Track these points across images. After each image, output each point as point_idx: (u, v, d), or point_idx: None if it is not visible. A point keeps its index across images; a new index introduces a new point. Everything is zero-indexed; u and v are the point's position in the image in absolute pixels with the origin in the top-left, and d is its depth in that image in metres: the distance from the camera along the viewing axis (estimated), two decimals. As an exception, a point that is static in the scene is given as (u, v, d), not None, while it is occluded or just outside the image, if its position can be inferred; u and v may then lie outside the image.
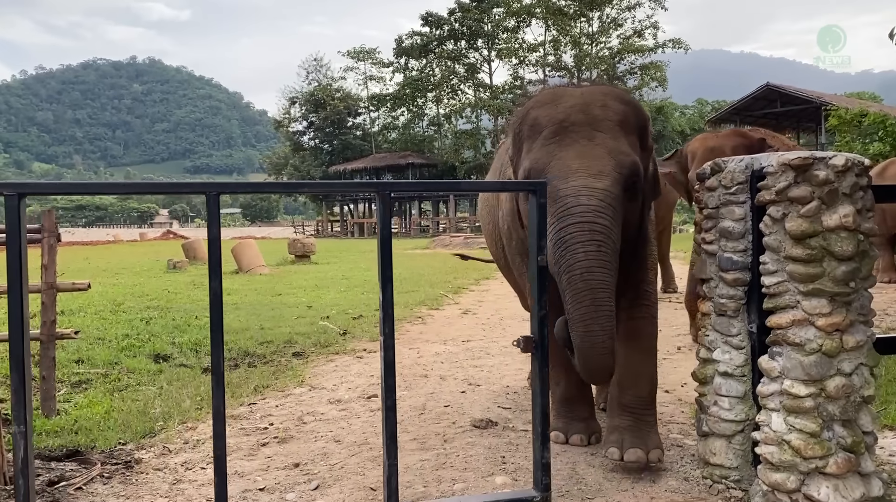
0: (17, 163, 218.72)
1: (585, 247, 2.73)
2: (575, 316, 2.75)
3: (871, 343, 2.87)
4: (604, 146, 2.89)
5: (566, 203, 2.79)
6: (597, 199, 2.78)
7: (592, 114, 2.96)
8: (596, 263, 2.72)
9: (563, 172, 2.85)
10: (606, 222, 2.78)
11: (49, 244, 4.85)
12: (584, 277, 2.72)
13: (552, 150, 2.93)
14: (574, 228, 2.75)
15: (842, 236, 2.74)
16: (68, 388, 5.48)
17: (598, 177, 2.83)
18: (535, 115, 3.10)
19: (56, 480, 3.36)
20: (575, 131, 2.93)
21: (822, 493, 2.74)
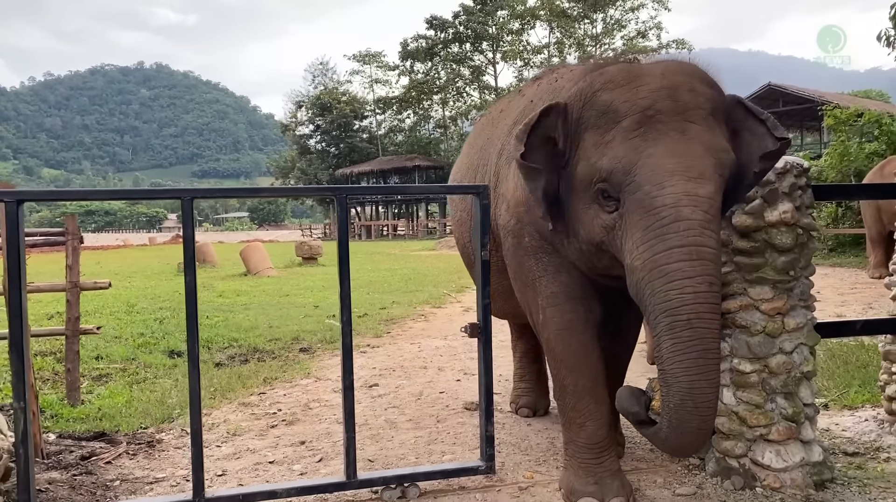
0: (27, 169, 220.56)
1: (696, 284, 2.19)
2: (675, 369, 2.21)
3: (811, 325, 3.23)
4: (700, 141, 2.32)
5: (662, 216, 2.23)
6: (701, 212, 2.23)
7: (682, 100, 2.37)
8: (707, 307, 2.20)
9: (656, 175, 2.27)
10: (713, 244, 2.25)
11: (73, 246, 5.25)
12: (692, 325, 2.18)
13: (637, 146, 2.33)
14: (679, 254, 2.20)
15: (782, 230, 3.10)
16: (90, 382, 5.88)
17: (700, 181, 2.26)
18: (607, 98, 2.45)
19: (88, 455, 3.75)
20: (663, 122, 2.33)
21: (765, 458, 3.10)
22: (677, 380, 2.22)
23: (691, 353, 2.19)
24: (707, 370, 2.21)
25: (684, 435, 2.27)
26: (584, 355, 2.98)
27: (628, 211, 2.34)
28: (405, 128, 57.76)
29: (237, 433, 4.25)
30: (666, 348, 2.23)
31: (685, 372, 2.20)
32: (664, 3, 45.13)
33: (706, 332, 2.21)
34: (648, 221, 2.27)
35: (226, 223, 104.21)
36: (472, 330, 3.18)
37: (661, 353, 2.25)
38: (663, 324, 2.23)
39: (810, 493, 3.07)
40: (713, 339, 2.23)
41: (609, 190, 2.40)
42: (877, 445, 3.72)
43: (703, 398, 2.21)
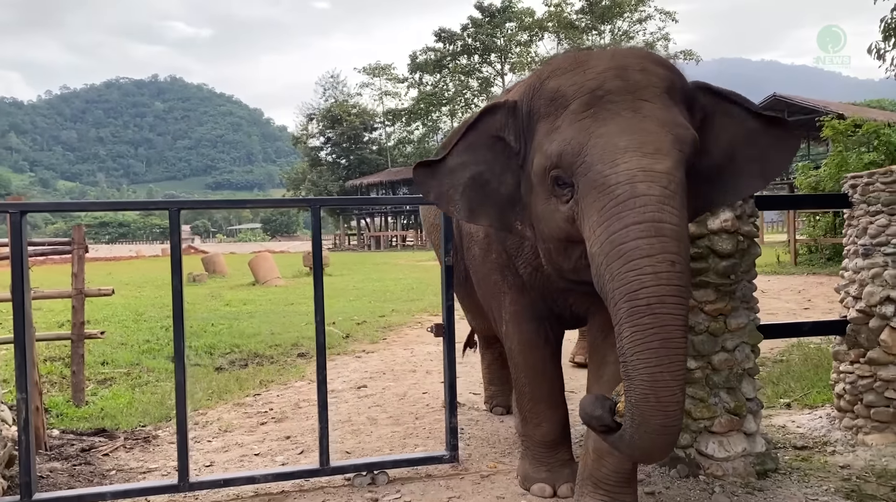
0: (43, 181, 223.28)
1: (655, 263, 1.98)
2: (636, 361, 1.99)
3: (753, 325, 3.47)
4: (654, 118, 2.16)
5: (617, 194, 2.05)
6: (659, 187, 2.04)
7: (632, 79, 2.23)
8: (669, 289, 1.98)
9: (608, 153, 2.11)
10: (675, 220, 2.04)
11: (78, 255, 5.57)
12: (652, 310, 1.97)
13: (587, 127, 2.18)
14: (636, 231, 2.01)
15: (723, 237, 3.36)
16: (95, 385, 6.18)
17: (657, 156, 2.09)
18: (554, 85, 2.33)
19: (87, 448, 4.04)
20: (613, 101, 2.19)
21: (709, 448, 3.35)
22: (638, 373, 1.98)
23: (652, 342, 1.96)
24: (671, 361, 1.97)
25: (648, 433, 2.02)
26: (542, 368, 3.18)
27: (582, 195, 2.17)
28: (414, 140, 58.24)
29: (228, 429, 4.53)
30: (626, 337, 2.00)
31: (646, 363, 1.97)
32: (672, 14, 45.46)
33: (669, 318, 1.97)
34: (603, 201, 2.08)
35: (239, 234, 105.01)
36: (438, 330, 3.46)
37: (621, 343, 2.02)
38: (623, 310, 2.01)
39: (751, 481, 3.31)
40: (677, 327, 1.98)
41: (562, 176, 2.23)
42: (825, 440, 3.95)
43: (667, 392, 1.97)
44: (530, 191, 2.47)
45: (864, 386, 3.86)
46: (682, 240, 2.05)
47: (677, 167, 2.12)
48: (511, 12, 50.44)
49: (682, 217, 2.08)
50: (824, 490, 3.22)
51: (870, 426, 3.84)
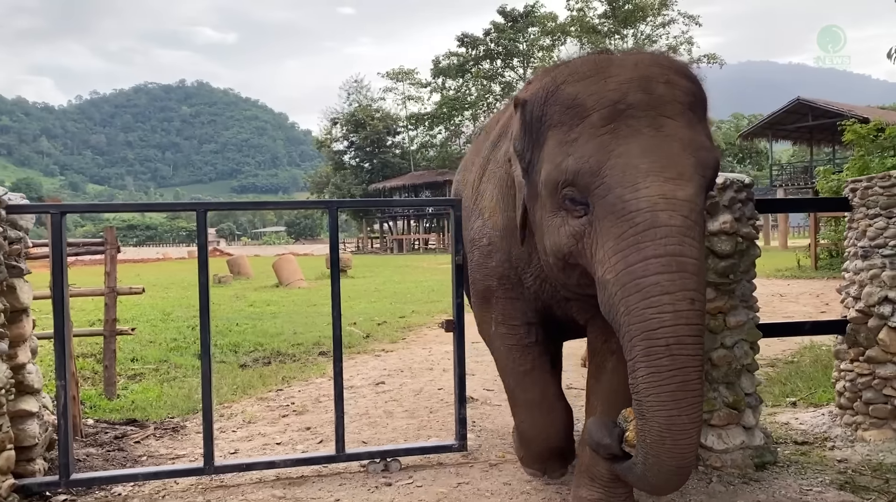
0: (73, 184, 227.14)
1: (676, 301, 1.92)
2: (652, 402, 1.94)
3: (752, 323, 3.61)
4: (678, 138, 2.07)
5: (637, 222, 1.98)
6: (681, 216, 1.98)
7: (656, 92, 2.12)
8: (688, 329, 1.93)
9: (629, 176, 2.02)
10: (696, 254, 1.99)
11: (111, 255, 5.83)
12: (671, 351, 1.91)
13: (607, 144, 2.07)
14: (656, 265, 1.94)
15: (722, 238, 3.51)
16: (125, 380, 6.44)
17: (679, 182, 2.01)
18: (571, 91, 2.20)
19: (120, 436, 4.29)
20: (635, 117, 2.08)
21: (708, 440, 3.50)
22: (654, 415, 1.94)
23: (670, 385, 1.91)
24: (688, 404, 1.93)
25: (662, 474, 2.01)
26: (532, 369, 3.07)
27: (598, 217, 2.08)
28: (436, 144, 58.49)
29: (252, 421, 4.75)
30: (642, 377, 1.95)
31: (662, 406, 1.93)
32: (695, 18, 45.30)
33: (687, 360, 1.92)
34: (621, 228, 2.00)
35: (263, 237, 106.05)
36: (448, 325, 3.65)
37: (636, 381, 1.97)
38: (639, 348, 1.95)
39: (748, 473, 3.45)
40: (695, 368, 1.94)
41: (576, 195, 2.14)
42: (825, 436, 4.07)
43: (683, 436, 1.94)
44: (534, 199, 2.38)
45: (864, 383, 3.98)
46: (701, 275, 2.00)
47: (699, 194, 2.05)
48: (534, 17, 50.55)
49: (701, 249, 2.03)
50: (819, 481, 3.36)
51: (868, 422, 3.95)
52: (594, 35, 46.63)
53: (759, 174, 43.54)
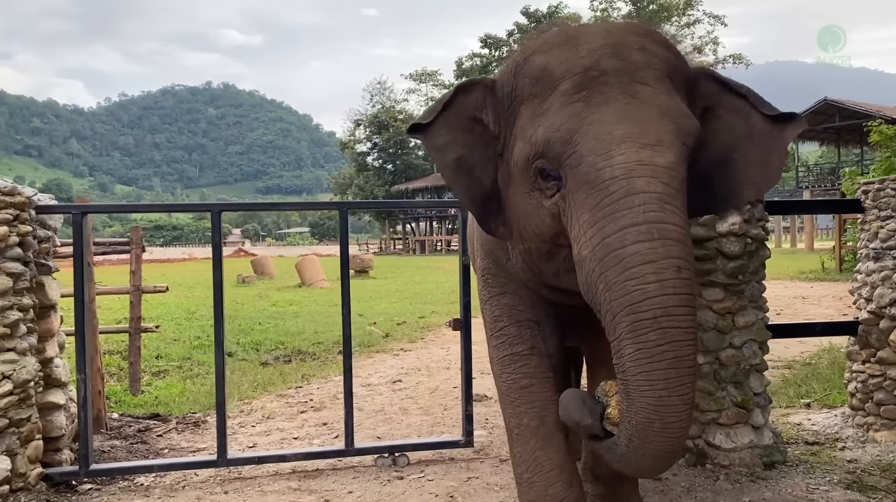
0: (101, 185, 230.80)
1: (659, 270, 1.73)
2: (640, 381, 1.75)
3: (761, 324, 3.65)
4: (655, 104, 1.91)
5: (612, 190, 1.80)
6: (661, 183, 1.80)
7: (631, 59, 1.97)
8: (677, 299, 1.73)
9: (602, 143, 1.85)
10: (679, 221, 1.80)
11: (136, 254, 5.99)
12: (659, 324, 1.72)
13: (579, 112, 1.91)
14: (635, 233, 1.76)
15: (731, 240, 3.56)
16: (150, 377, 6.61)
17: (658, 148, 1.84)
18: (541, 61, 2.05)
19: (143, 429, 4.42)
20: (609, 83, 1.93)
21: (716, 439, 3.54)
22: (642, 395, 1.76)
23: (661, 362, 1.72)
24: (680, 382, 1.74)
25: (647, 458, 1.82)
26: (528, 387, 2.51)
27: (571, 190, 1.90)
28: (460, 145, 58.50)
29: (270, 417, 4.87)
30: (629, 355, 1.76)
31: (652, 386, 1.74)
32: (720, 18, 44.93)
33: (678, 333, 1.72)
34: (595, 199, 1.82)
35: (287, 238, 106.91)
36: (455, 324, 3.74)
37: (621, 361, 1.78)
38: (623, 324, 1.75)
39: (757, 471, 3.49)
40: (687, 342, 1.74)
41: (548, 167, 1.96)
42: (837, 436, 4.10)
43: (674, 418, 1.75)
44: (509, 182, 2.17)
45: (875, 384, 3.99)
46: (687, 244, 1.79)
47: (680, 161, 1.87)
48: (557, 17, 50.48)
49: (685, 218, 1.83)
50: (827, 480, 3.39)
51: (879, 423, 3.97)
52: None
53: (786, 175, 43.06)
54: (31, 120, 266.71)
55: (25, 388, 3.13)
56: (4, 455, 3.03)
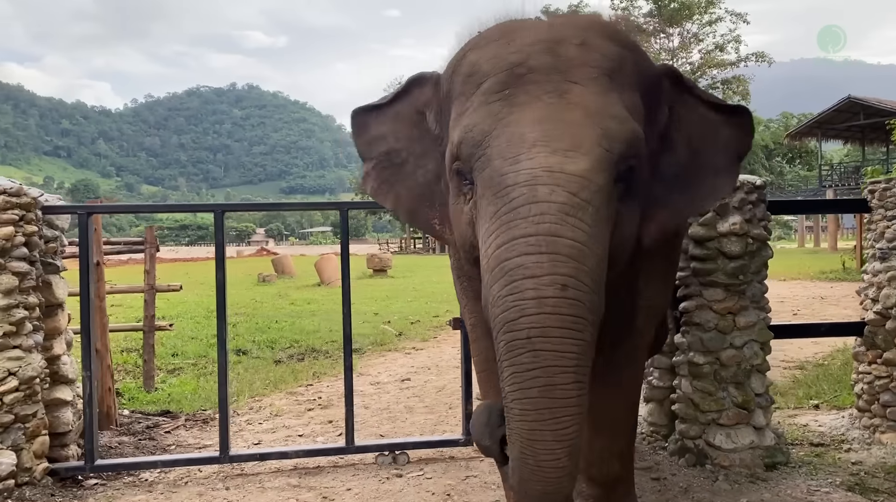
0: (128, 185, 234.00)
1: (539, 286, 1.56)
2: (514, 409, 1.58)
3: (763, 324, 3.63)
4: (582, 105, 1.74)
5: (512, 197, 1.65)
6: (565, 193, 1.63)
7: (566, 55, 1.82)
8: (555, 319, 1.55)
9: (512, 146, 1.70)
10: (580, 236, 1.61)
11: (150, 253, 6.08)
12: (532, 345, 1.54)
13: (496, 112, 1.77)
14: (523, 245, 1.59)
15: (732, 240, 3.54)
16: (165, 374, 6.71)
17: (571, 154, 1.67)
18: (473, 58, 1.92)
19: (152, 426, 4.50)
20: (535, 82, 1.78)
21: (716, 439, 3.53)
22: (516, 426, 1.58)
23: (531, 390, 1.54)
24: (553, 415, 1.54)
25: (528, 496, 1.65)
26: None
27: (479, 195, 1.76)
28: (481, 145, 58.46)
29: (278, 414, 4.93)
30: (505, 378, 1.59)
31: (524, 416, 1.56)
32: (743, 16, 44.40)
33: (552, 358, 1.53)
34: (496, 206, 1.66)
35: (310, 237, 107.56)
36: (455, 323, 3.77)
37: (502, 383, 1.61)
38: (502, 343, 1.59)
39: (757, 472, 3.47)
40: (563, 369, 1.54)
41: (464, 170, 1.82)
42: (843, 438, 4.06)
43: (547, 456, 1.56)
44: (447, 185, 2.02)
45: (881, 386, 3.95)
46: (585, 262, 1.60)
47: (598, 170, 1.67)
48: (579, 16, 50.24)
49: (593, 234, 1.63)
50: (829, 482, 3.36)
51: (886, 425, 3.93)
52: (639, 34, 46.17)
53: (809, 174, 42.53)
54: (60, 121, 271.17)
55: (31, 385, 3.20)
56: (10, 450, 3.11)
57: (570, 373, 1.55)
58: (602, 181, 1.68)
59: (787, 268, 18.59)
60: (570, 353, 1.55)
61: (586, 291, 1.59)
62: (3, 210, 3.09)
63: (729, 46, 44.58)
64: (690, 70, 46.71)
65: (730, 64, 44.54)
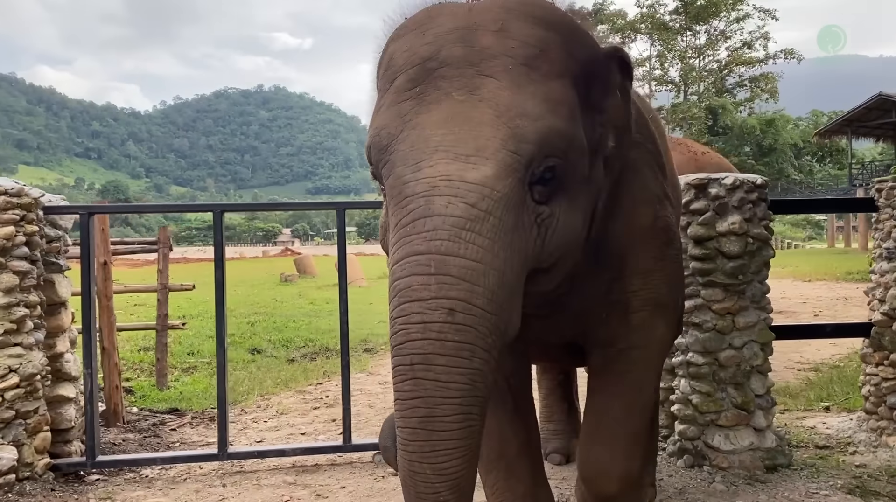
0: (157, 186, 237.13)
1: (425, 310, 1.44)
2: (400, 437, 1.50)
3: (764, 324, 3.58)
4: (493, 103, 1.59)
5: (410, 209, 1.53)
6: (464, 205, 1.50)
7: (479, 45, 1.66)
8: (440, 346, 1.43)
9: (415, 152, 1.57)
10: (474, 253, 1.48)
11: (163, 253, 6.17)
12: (415, 372, 1.44)
13: (405, 112, 1.63)
14: (412, 265, 1.48)
15: (731, 239, 3.50)
16: (179, 372, 6.80)
17: (473, 159, 1.54)
18: (391, 50, 1.79)
19: (158, 423, 4.56)
20: (447, 77, 1.63)
21: (715, 440, 3.49)
22: (400, 453, 1.50)
23: (411, 420, 1.44)
24: (433, 449, 1.43)
25: None
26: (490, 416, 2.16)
27: (387, 202, 1.65)
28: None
29: (284, 412, 4.97)
30: (395, 404, 1.50)
31: (405, 445, 1.47)
32: (771, 13, 43.79)
33: (434, 388, 1.42)
34: (398, 217, 1.55)
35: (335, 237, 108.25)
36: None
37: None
38: (392, 365, 1.49)
39: (757, 474, 3.43)
40: (446, 401, 1.42)
41: (377, 174, 1.70)
42: (849, 440, 3.99)
43: (427, 490, 1.46)
44: None
45: (888, 388, 3.88)
46: (480, 282, 1.47)
47: (502, 176, 1.53)
48: (603, 15, 49.91)
49: (493, 248, 1.50)
50: (829, 485, 3.31)
51: (892, 427, 3.86)
52: (665, 32, 45.78)
53: (840, 173, 41.83)
54: (90, 123, 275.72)
55: (32, 382, 3.27)
56: (11, 445, 3.17)
57: (452, 405, 1.43)
58: (507, 188, 1.54)
59: (815, 269, 18.32)
60: (454, 384, 1.43)
61: (478, 314, 1.46)
62: (4, 210, 3.16)
63: (757, 43, 44.03)
64: (718, 68, 46.23)
65: (758, 61, 43.98)
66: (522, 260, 1.59)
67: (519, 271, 1.57)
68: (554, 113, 1.63)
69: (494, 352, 1.51)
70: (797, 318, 9.28)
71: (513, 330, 1.57)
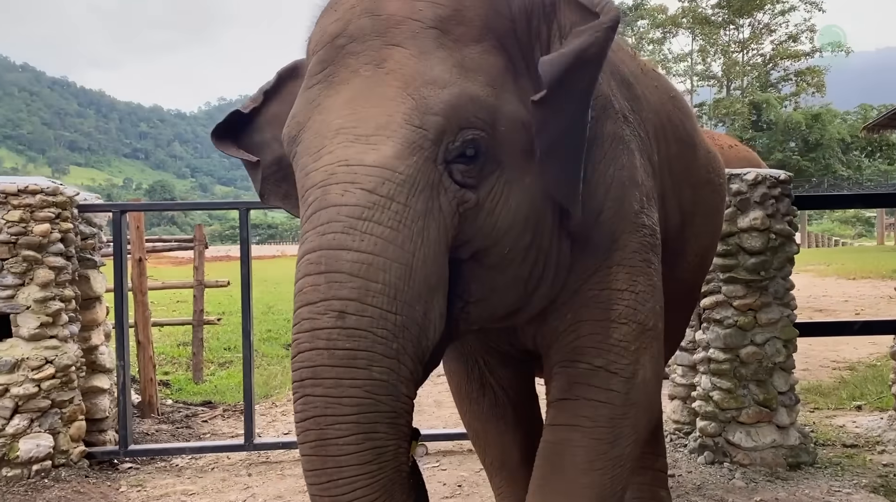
0: (202, 186, 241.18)
1: (314, 316, 1.26)
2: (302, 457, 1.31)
3: (787, 321, 3.54)
4: (399, 75, 1.41)
5: (308, 202, 1.38)
6: (361, 191, 1.32)
7: (386, 13, 1.47)
8: (328, 357, 1.24)
9: (318, 138, 1.42)
10: (369, 246, 1.30)
11: (199, 251, 6.33)
12: (304, 389, 1.26)
13: (313, 98, 1.48)
14: (304, 265, 1.32)
15: (753, 235, 3.48)
16: (216, 367, 6.96)
17: (373, 140, 1.37)
18: (310, 35, 1.64)
19: (191, 415, 4.70)
20: (354, 53, 1.46)
21: (736, 437, 3.48)
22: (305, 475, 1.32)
23: (305, 444, 1.28)
24: (329, 479, 1.25)
25: None
26: (482, 432, 2.22)
27: None
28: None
29: (313, 406, 5.07)
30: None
31: (305, 474, 1.31)
32: (818, 4, 42.76)
33: (324, 406, 1.24)
34: (301, 211, 1.40)
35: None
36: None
37: None
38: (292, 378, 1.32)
39: (779, 471, 3.41)
40: (339, 419, 1.24)
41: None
42: (878, 440, 3.93)
43: None
44: None
45: (918, 386, 3.81)
46: (376, 278, 1.28)
47: (405, 155, 1.35)
48: (643, 9, 49.30)
49: (395, 238, 1.31)
50: (853, 484, 3.28)
51: (922, 427, 3.79)
52: (707, 26, 45.07)
53: (890, 168, 40.67)
54: (138, 124, 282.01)
55: (67, 372, 3.40)
56: (47, 433, 3.32)
57: (347, 424, 1.23)
58: (411, 169, 1.34)
59: (861, 267, 17.84)
60: (346, 398, 1.23)
61: (375, 316, 1.26)
62: (40, 208, 3.30)
63: (803, 36, 43.07)
64: (762, 62, 45.35)
65: (804, 54, 42.99)
66: (441, 250, 1.36)
67: (437, 263, 1.35)
68: (467, 78, 1.42)
69: (406, 357, 1.30)
70: (836, 317, 9.09)
71: (434, 331, 1.36)
